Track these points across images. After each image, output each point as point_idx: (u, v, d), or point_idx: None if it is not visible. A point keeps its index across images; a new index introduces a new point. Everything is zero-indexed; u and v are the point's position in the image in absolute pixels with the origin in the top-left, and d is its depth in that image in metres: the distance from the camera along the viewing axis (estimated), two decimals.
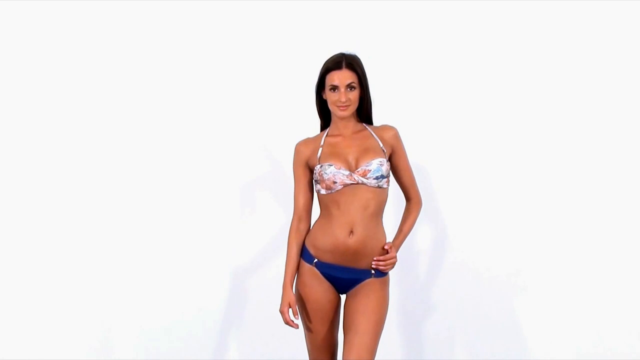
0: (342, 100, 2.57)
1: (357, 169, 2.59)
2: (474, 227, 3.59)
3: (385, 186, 2.62)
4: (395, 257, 2.64)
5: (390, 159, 2.70)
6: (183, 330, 3.63)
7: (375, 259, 2.60)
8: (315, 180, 2.65)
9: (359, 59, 2.63)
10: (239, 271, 3.67)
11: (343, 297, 2.71)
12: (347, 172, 2.58)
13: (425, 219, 3.53)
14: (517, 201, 3.58)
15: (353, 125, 2.68)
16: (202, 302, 3.64)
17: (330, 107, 2.63)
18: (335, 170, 2.59)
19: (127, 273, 3.65)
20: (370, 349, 2.58)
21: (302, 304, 2.67)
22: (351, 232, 2.57)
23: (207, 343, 3.64)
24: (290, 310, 2.64)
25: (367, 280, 2.62)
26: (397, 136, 2.68)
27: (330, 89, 2.59)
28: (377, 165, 2.59)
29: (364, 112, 2.69)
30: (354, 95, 2.60)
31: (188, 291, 3.65)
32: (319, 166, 2.62)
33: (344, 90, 2.57)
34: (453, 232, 3.61)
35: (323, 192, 2.62)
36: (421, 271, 3.63)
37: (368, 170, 2.58)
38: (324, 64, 2.62)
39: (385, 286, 2.66)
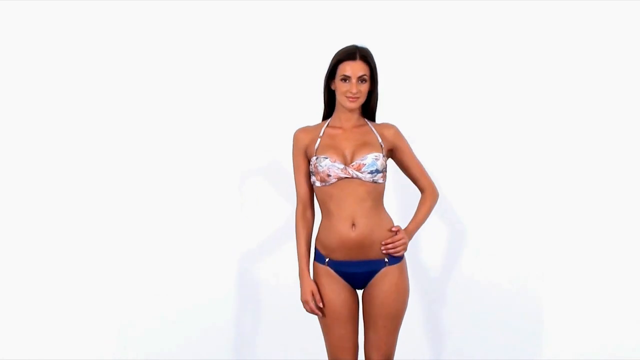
0: (353, 92, 2.55)
1: (352, 162, 2.58)
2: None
3: (380, 181, 2.60)
4: (405, 238, 2.60)
5: (394, 157, 2.70)
6: (184, 329, 3.60)
7: (383, 242, 2.58)
8: (311, 172, 2.65)
9: (371, 52, 2.62)
10: (242, 271, 3.65)
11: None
12: (341, 166, 2.57)
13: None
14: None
15: (356, 119, 2.67)
16: (205, 301, 3.60)
17: (339, 97, 2.60)
18: (330, 163, 2.58)
19: (128, 273, 3.60)
20: (390, 343, 2.64)
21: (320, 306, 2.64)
22: (353, 224, 2.55)
23: (210, 342, 3.61)
24: (314, 298, 2.62)
25: (382, 271, 2.60)
26: (398, 133, 2.68)
27: (342, 80, 2.57)
28: (372, 159, 2.58)
29: (370, 108, 2.68)
30: (365, 87, 2.58)
31: (192, 290, 3.61)
32: (314, 158, 2.62)
33: (355, 81, 2.55)
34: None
35: (318, 184, 2.62)
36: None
37: (363, 164, 2.57)
38: (336, 54, 2.60)
39: (401, 272, 2.62)
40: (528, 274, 3.57)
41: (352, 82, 2.55)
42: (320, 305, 2.62)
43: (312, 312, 2.64)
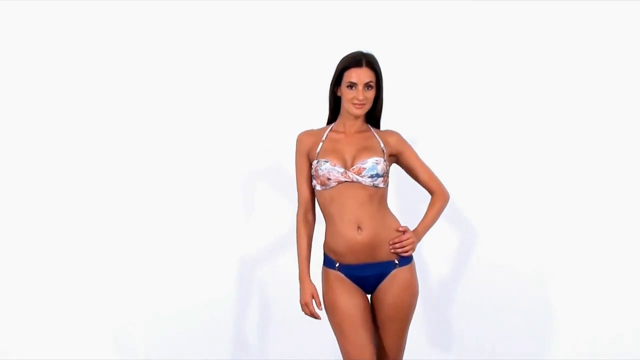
0: (360, 98, 2.56)
1: (352, 166, 2.58)
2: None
3: (381, 186, 2.59)
4: (413, 237, 2.59)
5: (401, 163, 2.71)
6: (184, 329, 3.60)
7: (391, 242, 2.58)
8: (312, 175, 2.65)
9: (377, 59, 2.62)
10: (242, 271, 3.64)
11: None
12: (341, 170, 2.58)
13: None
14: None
15: (359, 125, 2.67)
16: (205, 301, 3.60)
17: (345, 104, 2.61)
18: (330, 167, 2.58)
19: (128, 273, 3.59)
20: (399, 344, 2.66)
21: (333, 313, 2.61)
22: (359, 227, 2.55)
23: (210, 343, 3.61)
24: (314, 301, 2.62)
25: (392, 273, 2.59)
26: (401, 139, 2.69)
27: (348, 86, 2.57)
28: (373, 163, 2.58)
29: (375, 114, 2.69)
30: (371, 94, 2.59)
31: (192, 290, 3.61)
32: (315, 162, 2.62)
33: (361, 88, 2.56)
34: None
35: (318, 187, 2.62)
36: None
37: (363, 168, 2.57)
38: (342, 61, 2.60)
39: (411, 274, 2.62)
40: (535, 274, 3.57)
41: (358, 88, 2.56)
42: (321, 308, 2.62)
43: (312, 315, 2.64)
